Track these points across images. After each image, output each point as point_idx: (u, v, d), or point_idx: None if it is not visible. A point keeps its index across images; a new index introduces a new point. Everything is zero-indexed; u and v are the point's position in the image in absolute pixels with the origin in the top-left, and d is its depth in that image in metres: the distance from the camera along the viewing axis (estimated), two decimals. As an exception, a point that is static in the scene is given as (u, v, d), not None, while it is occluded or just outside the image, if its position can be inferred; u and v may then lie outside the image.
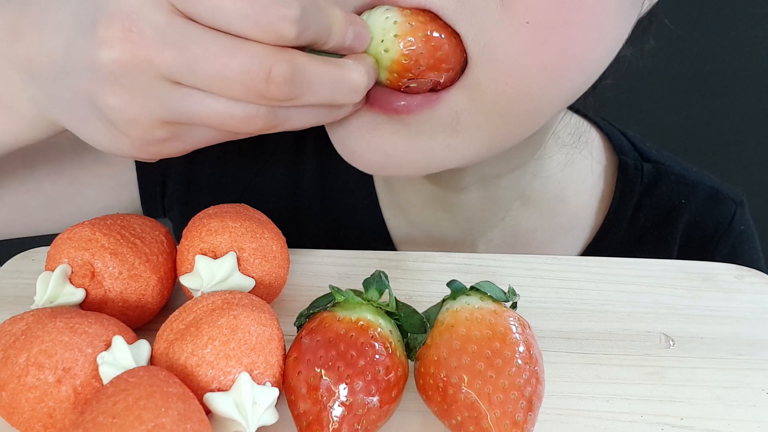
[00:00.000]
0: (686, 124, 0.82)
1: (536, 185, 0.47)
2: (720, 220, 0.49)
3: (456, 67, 0.30)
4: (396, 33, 0.29)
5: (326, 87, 0.27)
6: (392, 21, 0.29)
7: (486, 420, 0.23)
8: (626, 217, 0.49)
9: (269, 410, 0.25)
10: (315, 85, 0.27)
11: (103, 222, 0.30)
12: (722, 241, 0.49)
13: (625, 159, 0.50)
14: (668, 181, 0.50)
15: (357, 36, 0.29)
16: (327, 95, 0.27)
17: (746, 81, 0.79)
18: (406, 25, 0.29)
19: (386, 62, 0.30)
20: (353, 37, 0.28)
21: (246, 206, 0.33)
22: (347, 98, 0.28)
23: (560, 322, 0.33)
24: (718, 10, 0.74)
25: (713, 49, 0.77)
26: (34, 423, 0.24)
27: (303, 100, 0.27)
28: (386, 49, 0.29)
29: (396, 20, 0.29)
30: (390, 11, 0.29)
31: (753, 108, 0.81)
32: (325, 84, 0.27)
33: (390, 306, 0.27)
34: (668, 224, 0.49)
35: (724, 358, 0.31)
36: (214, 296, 0.27)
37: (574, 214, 0.49)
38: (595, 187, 0.50)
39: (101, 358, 0.24)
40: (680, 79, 0.79)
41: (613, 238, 0.49)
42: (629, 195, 0.49)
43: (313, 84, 0.26)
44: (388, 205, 0.49)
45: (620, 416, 0.28)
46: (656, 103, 0.78)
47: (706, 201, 0.49)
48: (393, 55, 0.29)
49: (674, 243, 0.49)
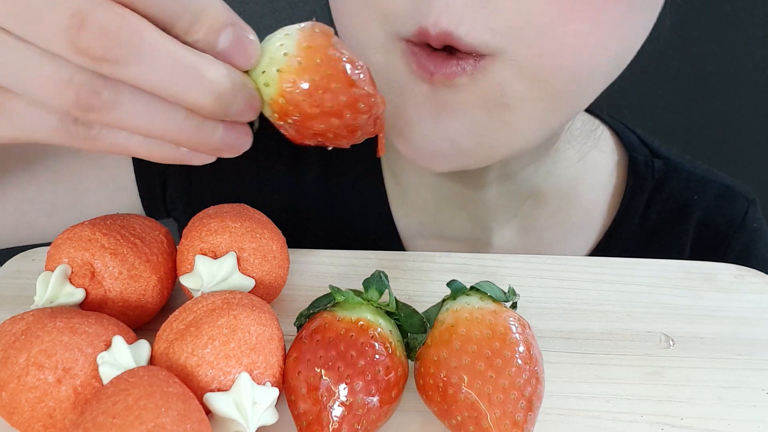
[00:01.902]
0: (686, 124, 0.82)
1: (550, 181, 0.47)
2: (733, 217, 0.49)
3: (367, 130, 0.26)
4: (279, 67, 0.24)
5: (166, 66, 0.21)
6: (283, 52, 0.24)
7: (486, 420, 0.23)
8: (637, 213, 0.49)
9: (269, 410, 0.25)
10: (149, 55, 0.21)
11: (103, 222, 0.30)
12: (735, 239, 0.49)
13: (635, 155, 0.50)
14: (679, 177, 0.50)
15: (237, 43, 0.23)
16: (167, 79, 0.22)
17: (747, 81, 0.80)
18: (294, 60, 0.24)
19: (266, 98, 0.25)
20: (231, 42, 0.23)
21: (246, 206, 0.33)
22: (196, 95, 0.22)
23: (560, 322, 0.33)
24: (718, 10, 0.74)
25: (713, 49, 0.77)
26: (34, 423, 0.24)
27: (132, 74, 0.21)
28: (266, 83, 0.24)
29: (287, 51, 0.24)
30: (290, 37, 0.24)
31: (753, 109, 0.81)
32: (165, 61, 0.21)
33: (390, 306, 0.27)
34: (680, 221, 0.49)
35: (724, 358, 0.31)
36: (214, 296, 0.27)
37: (586, 211, 0.49)
38: (607, 184, 0.50)
39: (101, 358, 0.24)
40: (680, 80, 0.79)
41: (624, 234, 0.49)
42: (640, 191, 0.49)
43: (145, 52, 0.21)
44: (399, 203, 0.49)
45: (620, 416, 0.28)
46: (656, 103, 0.78)
47: (718, 198, 0.49)
48: (272, 92, 0.24)
49: (687, 240, 0.49)
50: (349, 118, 0.25)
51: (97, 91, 0.21)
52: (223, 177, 0.50)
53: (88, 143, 0.24)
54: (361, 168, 0.49)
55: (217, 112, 0.23)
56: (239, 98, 0.23)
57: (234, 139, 0.25)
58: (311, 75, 0.24)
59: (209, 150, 0.25)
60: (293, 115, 0.24)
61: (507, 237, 0.49)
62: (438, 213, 0.48)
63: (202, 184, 0.50)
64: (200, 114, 0.23)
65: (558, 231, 0.49)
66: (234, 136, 0.25)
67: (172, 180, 0.50)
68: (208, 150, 0.25)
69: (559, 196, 0.48)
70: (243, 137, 0.25)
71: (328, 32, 0.25)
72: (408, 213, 0.49)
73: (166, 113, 0.23)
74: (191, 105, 0.23)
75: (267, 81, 0.24)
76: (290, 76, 0.24)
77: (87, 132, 0.23)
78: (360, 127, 0.26)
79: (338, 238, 0.50)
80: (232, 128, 0.25)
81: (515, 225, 0.48)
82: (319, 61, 0.24)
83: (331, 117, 0.24)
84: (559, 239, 0.49)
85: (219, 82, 0.23)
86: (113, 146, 0.24)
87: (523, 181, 0.46)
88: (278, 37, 0.24)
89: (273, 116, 0.25)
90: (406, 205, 0.49)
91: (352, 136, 0.26)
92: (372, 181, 0.49)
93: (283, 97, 0.24)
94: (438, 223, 0.48)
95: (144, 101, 0.22)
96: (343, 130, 0.25)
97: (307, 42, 0.24)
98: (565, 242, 0.49)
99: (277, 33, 0.25)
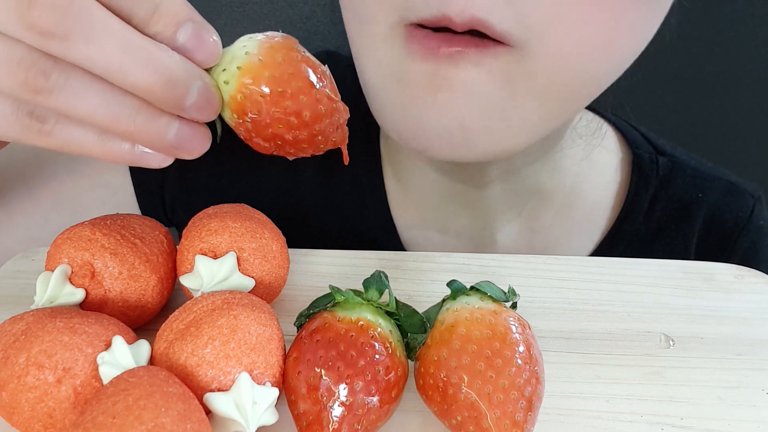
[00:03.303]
0: (686, 124, 0.82)
1: (555, 179, 0.47)
2: (739, 214, 0.49)
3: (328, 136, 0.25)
4: (240, 65, 0.24)
5: (115, 46, 0.21)
6: (245, 51, 0.24)
7: (486, 420, 0.23)
8: (642, 210, 0.49)
9: (269, 410, 0.25)
10: (98, 33, 0.21)
11: (103, 222, 0.30)
12: (742, 236, 0.49)
13: (639, 153, 0.50)
14: (684, 174, 0.49)
15: (197, 39, 0.23)
16: (116, 59, 0.21)
17: (747, 82, 0.80)
18: (255, 58, 0.24)
19: (226, 97, 0.24)
20: (190, 37, 0.23)
21: (246, 206, 0.33)
22: (145, 77, 0.22)
23: (560, 322, 0.33)
24: (718, 10, 0.74)
25: (714, 50, 0.77)
26: (34, 423, 0.24)
27: (81, 52, 0.21)
28: (226, 81, 0.24)
29: (249, 50, 0.24)
30: (253, 40, 0.25)
31: (754, 109, 0.81)
32: (115, 41, 0.21)
33: (390, 306, 0.27)
34: (686, 218, 0.49)
35: (724, 358, 0.31)
36: (214, 296, 0.27)
37: (591, 208, 0.49)
38: (611, 181, 0.50)
39: (101, 358, 0.24)
40: (680, 80, 0.79)
41: (629, 231, 0.49)
42: (645, 188, 0.49)
43: (95, 29, 0.21)
44: (399, 202, 0.49)
45: (620, 416, 0.28)
46: (656, 103, 0.78)
47: (724, 195, 0.49)
48: (231, 89, 0.24)
49: (692, 237, 0.49)
50: (309, 120, 0.24)
51: (45, 72, 0.21)
52: (221, 178, 0.50)
53: (43, 138, 0.24)
54: (361, 166, 0.49)
55: (169, 101, 0.23)
56: (194, 90, 0.23)
57: (190, 137, 0.24)
58: (271, 72, 0.24)
59: (164, 147, 0.24)
60: (251, 113, 0.24)
61: (511, 235, 0.49)
62: (440, 212, 0.48)
63: (200, 187, 0.50)
64: (154, 105, 0.23)
65: (563, 229, 0.49)
66: (190, 134, 0.24)
67: (170, 187, 0.50)
68: (162, 147, 0.24)
69: (563, 194, 0.48)
70: (200, 137, 0.25)
71: (292, 39, 0.25)
72: (408, 211, 0.49)
73: (117, 100, 0.23)
74: (141, 88, 0.22)
75: (227, 78, 0.24)
76: (250, 73, 0.24)
77: (41, 126, 0.23)
78: (321, 133, 0.25)
79: (337, 237, 0.50)
80: (189, 126, 0.24)
81: (520, 223, 0.48)
82: (280, 59, 0.24)
83: (290, 117, 0.24)
84: (564, 237, 0.49)
85: (170, 66, 0.22)
86: (67, 142, 0.24)
87: (527, 178, 0.46)
88: (242, 39, 0.25)
89: (232, 117, 0.25)
90: (407, 203, 0.49)
91: (313, 142, 0.25)
92: (372, 180, 0.49)
93: (242, 93, 0.24)
94: (439, 222, 0.48)
95: (95, 87, 0.22)
96: (304, 132, 0.25)
97: (270, 43, 0.24)
98: (570, 240, 0.49)
99: (242, 38, 0.25)
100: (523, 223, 0.48)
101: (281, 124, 0.24)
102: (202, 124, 0.25)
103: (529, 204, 0.48)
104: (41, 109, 0.23)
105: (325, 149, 0.26)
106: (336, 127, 0.26)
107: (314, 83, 0.24)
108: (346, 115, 0.26)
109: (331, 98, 0.25)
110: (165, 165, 0.25)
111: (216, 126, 0.26)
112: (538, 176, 0.46)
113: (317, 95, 0.24)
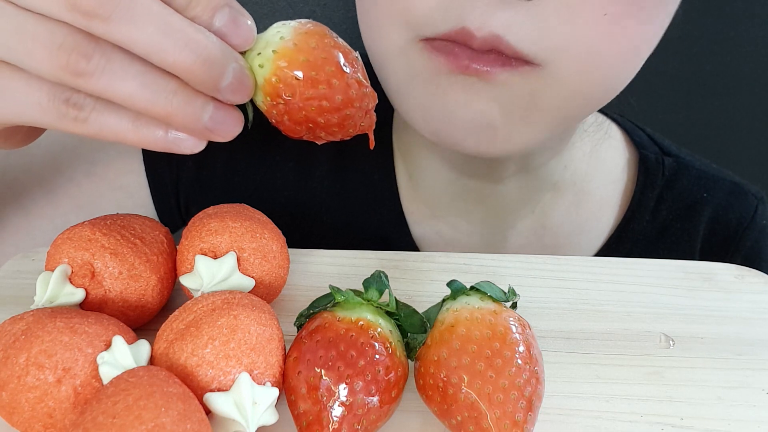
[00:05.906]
0: (686, 124, 0.82)
1: (566, 175, 0.48)
2: (743, 214, 0.50)
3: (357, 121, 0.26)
4: (275, 48, 0.25)
5: (157, 27, 0.22)
6: (279, 36, 0.25)
7: (486, 420, 0.23)
8: (648, 209, 0.49)
9: (269, 410, 0.25)
10: (140, 14, 0.21)
11: (103, 222, 0.30)
12: (745, 236, 0.50)
13: (645, 153, 0.50)
14: (689, 175, 0.50)
15: (233, 23, 0.24)
16: (157, 40, 0.22)
17: (747, 82, 0.79)
18: (289, 43, 0.25)
19: (260, 80, 0.25)
20: (227, 21, 0.24)
21: (246, 206, 0.33)
22: (185, 57, 0.22)
23: (560, 322, 0.33)
24: (718, 10, 0.74)
25: (714, 50, 0.77)
26: (34, 423, 0.24)
27: (123, 33, 0.21)
28: (261, 64, 0.25)
29: (283, 36, 0.25)
30: (286, 26, 0.25)
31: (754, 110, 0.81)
32: (157, 22, 0.22)
33: (390, 306, 0.27)
34: (691, 218, 0.49)
35: (724, 358, 0.31)
36: (214, 296, 0.27)
37: (598, 206, 0.50)
38: (618, 180, 0.51)
39: (101, 358, 0.24)
40: (680, 80, 0.79)
41: (635, 230, 0.49)
42: (651, 188, 0.49)
43: (137, 11, 0.21)
44: (411, 198, 0.49)
45: (620, 416, 0.28)
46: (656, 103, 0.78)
47: (728, 196, 0.50)
48: (266, 72, 0.25)
49: (697, 237, 0.49)
50: (341, 104, 0.25)
51: (87, 55, 0.22)
52: (233, 176, 0.50)
53: (78, 125, 0.24)
54: (373, 163, 0.49)
55: (207, 81, 0.23)
56: (230, 71, 0.24)
57: (224, 119, 0.25)
58: (306, 56, 0.24)
59: (199, 129, 0.25)
60: (285, 95, 0.25)
61: (523, 232, 0.49)
62: (453, 207, 0.48)
63: (214, 186, 0.50)
64: (190, 88, 0.24)
65: (573, 225, 0.49)
66: (224, 116, 0.25)
67: (184, 187, 0.50)
68: (197, 129, 0.25)
69: (574, 191, 0.49)
70: (233, 120, 0.25)
71: (323, 26, 0.26)
72: (420, 207, 0.49)
73: (156, 82, 0.23)
74: (180, 68, 0.23)
75: (262, 62, 0.25)
76: (285, 57, 0.24)
77: (77, 114, 0.23)
78: (351, 117, 0.26)
79: (348, 234, 0.50)
80: (223, 109, 0.25)
81: (533, 220, 0.49)
82: (314, 45, 0.25)
83: (322, 100, 0.25)
84: (574, 234, 0.49)
85: (209, 47, 0.23)
86: (102, 129, 0.24)
87: (542, 174, 0.47)
88: (275, 26, 0.25)
89: (266, 100, 0.25)
90: (419, 199, 0.49)
91: (343, 126, 0.26)
92: (384, 176, 0.49)
93: (277, 76, 0.25)
94: (451, 218, 0.48)
95: (134, 69, 0.23)
96: (335, 116, 0.25)
97: (304, 29, 0.25)
98: (579, 237, 0.49)
99: (275, 24, 0.26)
100: (536, 221, 0.49)
101: (314, 108, 0.25)
102: (235, 108, 0.25)
103: (542, 200, 0.48)
104: (77, 97, 0.23)
105: (353, 134, 0.27)
106: (365, 112, 0.26)
107: (346, 68, 0.25)
108: (374, 101, 0.27)
109: (361, 83, 0.25)
110: (197, 150, 0.26)
111: (247, 112, 0.27)
112: (552, 172, 0.47)
113: (348, 80, 0.25)
